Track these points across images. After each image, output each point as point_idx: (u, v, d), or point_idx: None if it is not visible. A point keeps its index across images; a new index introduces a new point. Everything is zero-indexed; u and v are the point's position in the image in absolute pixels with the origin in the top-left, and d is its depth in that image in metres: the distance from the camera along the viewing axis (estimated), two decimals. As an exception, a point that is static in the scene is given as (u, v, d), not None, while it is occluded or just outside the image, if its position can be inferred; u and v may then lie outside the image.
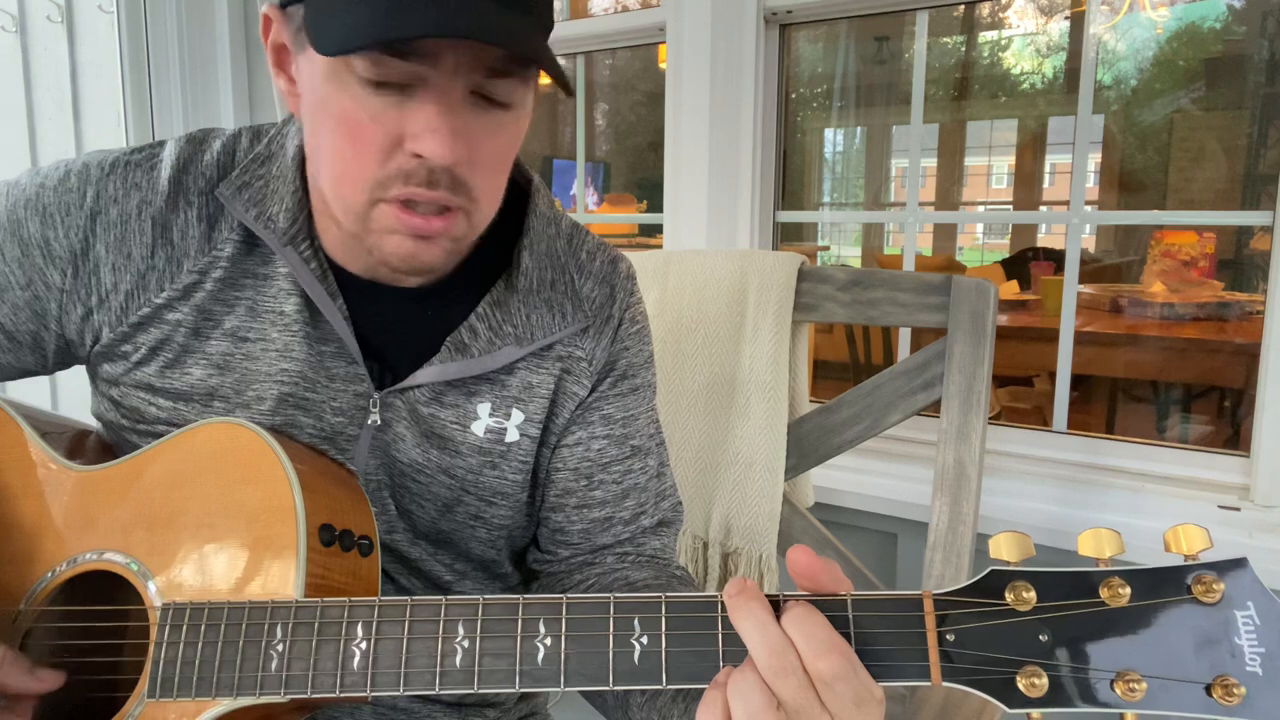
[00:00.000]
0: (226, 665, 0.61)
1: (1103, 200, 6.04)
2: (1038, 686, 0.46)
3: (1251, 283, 4.01)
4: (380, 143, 0.61)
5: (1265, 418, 1.26)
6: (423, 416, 0.73)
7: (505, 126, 0.65)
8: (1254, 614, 0.45)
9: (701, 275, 1.29)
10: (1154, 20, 4.78)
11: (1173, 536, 0.48)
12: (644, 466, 0.82)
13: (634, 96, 6.65)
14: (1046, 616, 0.47)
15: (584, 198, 2.06)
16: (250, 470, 0.66)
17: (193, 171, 0.71)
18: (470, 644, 0.57)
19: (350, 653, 0.59)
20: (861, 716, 0.49)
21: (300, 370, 0.70)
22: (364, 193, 0.63)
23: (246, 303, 0.71)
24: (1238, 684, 0.44)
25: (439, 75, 0.59)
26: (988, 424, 1.11)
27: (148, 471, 0.70)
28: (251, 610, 0.61)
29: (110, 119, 2.07)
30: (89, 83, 2.11)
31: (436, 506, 0.76)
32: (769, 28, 1.61)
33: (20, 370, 0.76)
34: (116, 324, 0.70)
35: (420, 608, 0.59)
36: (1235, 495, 1.30)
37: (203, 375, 0.70)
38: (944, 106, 6.40)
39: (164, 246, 0.70)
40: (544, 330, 0.75)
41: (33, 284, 0.70)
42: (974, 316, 1.11)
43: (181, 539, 0.66)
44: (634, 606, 0.56)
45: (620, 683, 0.54)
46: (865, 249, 6.87)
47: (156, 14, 2.02)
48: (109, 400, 0.75)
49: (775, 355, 1.23)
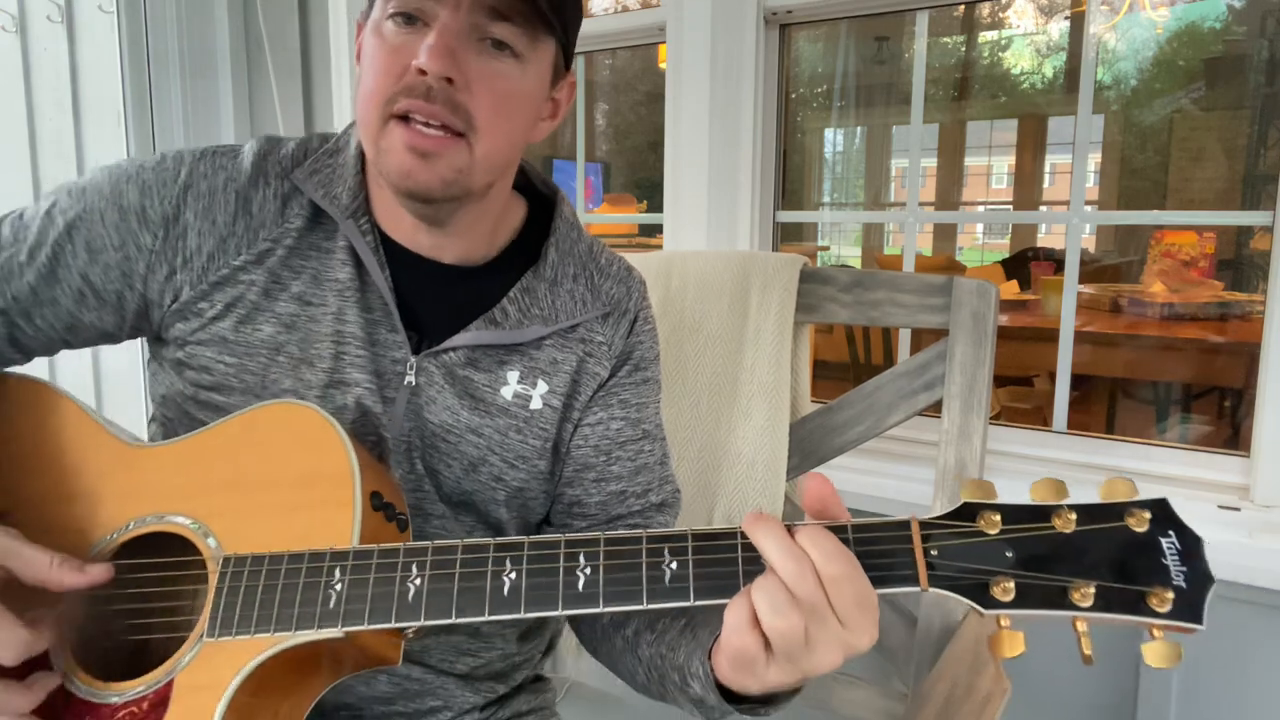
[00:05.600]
0: (285, 603, 0.65)
1: (1103, 200, 6.05)
2: (1008, 591, 0.56)
3: (1251, 283, 4.01)
4: (394, 67, 0.72)
5: (1265, 418, 1.26)
6: (458, 378, 0.81)
7: (507, 71, 0.74)
8: (1175, 540, 0.56)
9: (704, 276, 1.29)
10: (1154, 20, 4.78)
11: (1107, 489, 0.59)
12: (653, 449, 0.90)
13: (634, 96, 6.65)
14: (1011, 538, 0.58)
15: (584, 198, 2.06)
16: (309, 440, 0.71)
17: (271, 159, 0.82)
18: (517, 576, 0.63)
19: (405, 588, 0.64)
20: (861, 616, 0.57)
21: (352, 332, 0.79)
22: (377, 109, 0.72)
23: (311, 271, 0.81)
24: (1167, 593, 0.55)
25: (443, 9, 0.71)
26: (988, 424, 1.11)
27: (208, 444, 0.75)
28: (310, 556, 0.67)
29: (110, 119, 2.06)
30: (89, 83, 2.11)
31: (462, 465, 0.82)
32: (769, 28, 1.61)
33: (98, 333, 0.82)
34: (197, 282, 0.79)
35: (470, 548, 0.65)
36: (1235, 495, 1.30)
37: (272, 332, 0.79)
38: (944, 106, 6.41)
39: (244, 217, 0.80)
40: (568, 314, 0.85)
41: (125, 245, 0.78)
42: (975, 318, 1.11)
43: (241, 501, 0.71)
44: (664, 538, 0.63)
45: (653, 601, 0.61)
46: (865, 249, 6.87)
47: (156, 14, 2.02)
48: (174, 366, 0.81)
49: (777, 356, 1.23)
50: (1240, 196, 4.76)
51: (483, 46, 0.73)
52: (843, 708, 1.20)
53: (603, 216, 4.65)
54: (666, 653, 0.74)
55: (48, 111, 2.18)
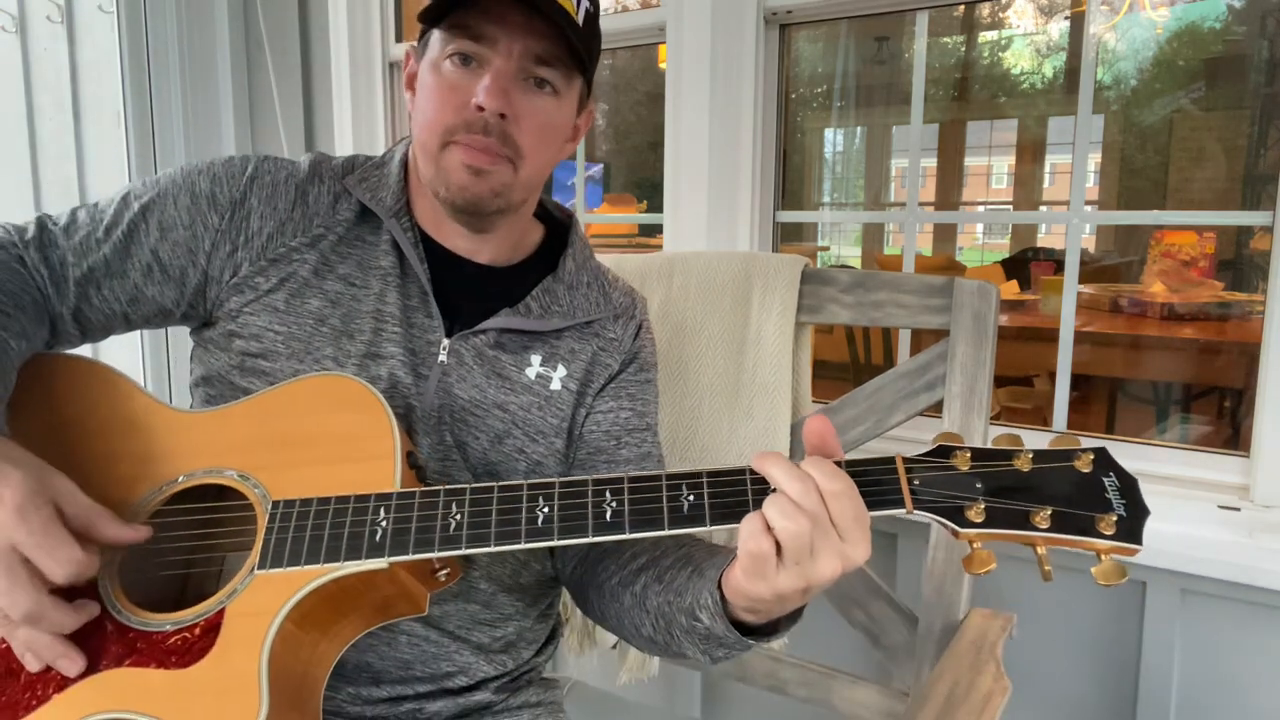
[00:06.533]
0: (334, 538, 0.71)
1: (1103, 200, 6.05)
2: (980, 514, 0.66)
3: (1251, 283, 4.01)
4: (454, 101, 0.84)
5: (1265, 418, 1.26)
6: (488, 357, 0.91)
7: (547, 105, 0.87)
8: (1115, 479, 0.67)
9: (705, 277, 1.29)
10: (1154, 20, 4.78)
11: (1056, 440, 0.69)
12: (655, 441, 1.00)
13: (634, 96, 6.66)
14: (980, 471, 0.68)
15: (584, 198, 2.07)
16: (350, 403, 0.78)
17: (325, 166, 0.95)
18: (550, 509, 0.70)
19: (447, 522, 0.71)
20: (857, 529, 0.65)
21: (391, 312, 0.89)
22: (438, 136, 0.85)
23: (356, 257, 0.91)
24: (1111, 517, 0.65)
25: (497, 56, 0.83)
26: (989, 424, 1.11)
27: (253, 410, 0.81)
28: (356, 498, 0.73)
29: (110, 119, 2.07)
30: (89, 83, 2.11)
31: (489, 437, 0.91)
32: (769, 28, 1.61)
33: (157, 308, 0.90)
34: (256, 259, 0.89)
35: (506, 488, 0.72)
36: (1235, 495, 1.30)
37: (319, 305, 0.89)
38: (944, 106, 6.41)
39: (301, 206, 0.91)
40: (584, 312, 0.97)
41: (195, 224, 0.88)
42: (976, 318, 1.12)
43: (286, 455, 0.77)
44: (682, 475, 0.71)
45: (674, 526, 0.69)
46: (865, 249, 6.87)
47: (156, 14, 2.02)
48: (224, 339, 0.89)
49: (778, 356, 1.23)
50: (1240, 196, 4.76)
51: (528, 86, 0.85)
52: (844, 706, 1.20)
53: (603, 216, 4.65)
54: (674, 599, 0.79)
55: (48, 111, 2.18)
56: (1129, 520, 0.65)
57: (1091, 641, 1.36)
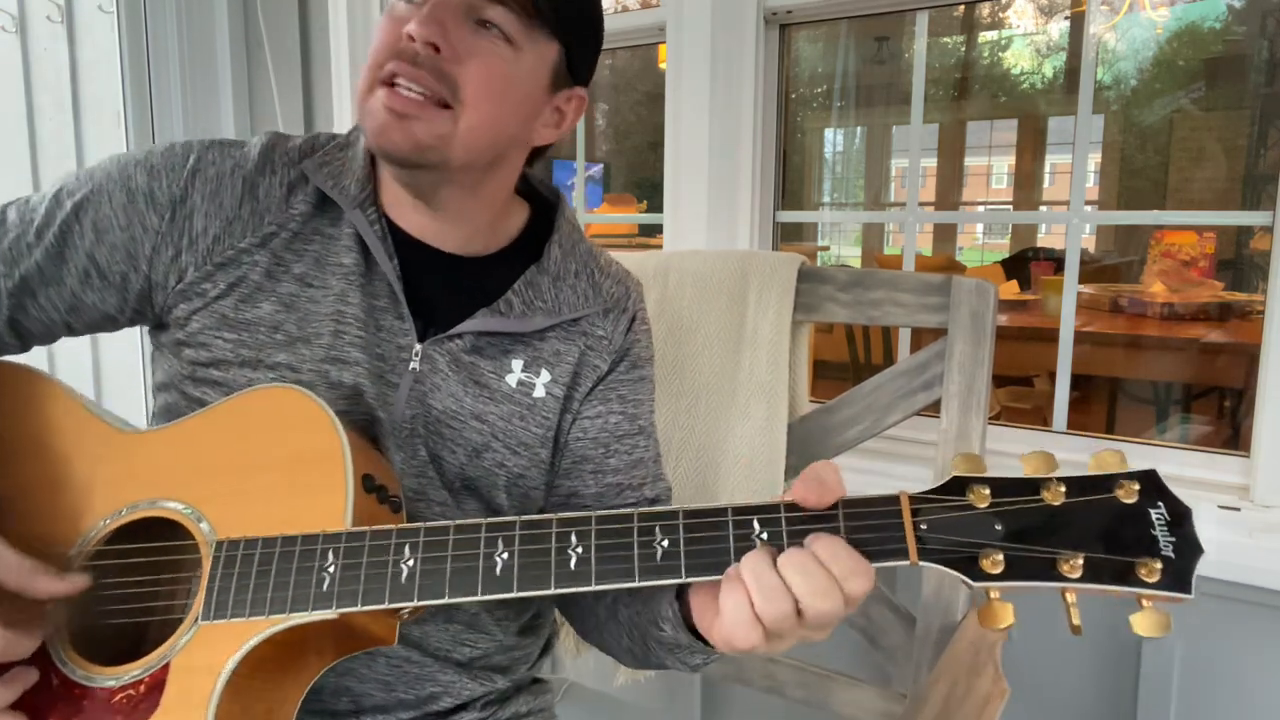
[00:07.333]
0: (279, 586, 0.65)
1: (1103, 200, 6.05)
2: (997, 564, 0.57)
3: (1251, 283, 4.01)
4: (391, 38, 0.75)
5: (1265, 418, 1.26)
6: (464, 364, 0.83)
7: (499, 52, 0.76)
8: (1164, 511, 0.56)
9: (701, 275, 1.29)
10: (1154, 20, 4.78)
11: (1096, 461, 0.59)
12: (648, 445, 0.92)
13: (634, 96, 6.66)
14: (1000, 511, 0.58)
15: (584, 198, 2.07)
16: (300, 423, 0.72)
17: (279, 149, 0.84)
18: (510, 555, 0.64)
19: (399, 569, 0.65)
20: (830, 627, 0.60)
21: (354, 314, 0.81)
22: (370, 73, 0.76)
23: (314, 254, 0.82)
24: (1156, 563, 0.54)
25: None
26: (988, 424, 1.11)
27: (200, 429, 0.75)
28: (304, 539, 0.67)
29: (110, 119, 2.06)
30: (89, 83, 2.11)
31: (466, 451, 0.83)
32: (769, 28, 1.61)
33: (100, 315, 0.83)
34: (202, 263, 0.80)
35: (463, 528, 0.65)
36: (1235, 495, 1.30)
37: (271, 310, 0.80)
38: (944, 106, 6.41)
39: (250, 201, 0.82)
40: (571, 307, 0.87)
41: (132, 226, 0.80)
42: (974, 317, 1.11)
43: (233, 484, 0.72)
44: (655, 516, 0.64)
45: (645, 578, 0.62)
46: (865, 249, 6.87)
47: (156, 14, 2.02)
48: (174, 347, 0.82)
49: (775, 355, 1.23)
50: (1240, 196, 4.76)
51: (477, 25, 0.76)
52: (842, 708, 1.19)
53: (603, 216, 4.65)
54: (641, 608, 0.75)
55: (48, 111, 2.18)
56: (1178, 562, 0.55)
57: (1091, 642, 1.36)
